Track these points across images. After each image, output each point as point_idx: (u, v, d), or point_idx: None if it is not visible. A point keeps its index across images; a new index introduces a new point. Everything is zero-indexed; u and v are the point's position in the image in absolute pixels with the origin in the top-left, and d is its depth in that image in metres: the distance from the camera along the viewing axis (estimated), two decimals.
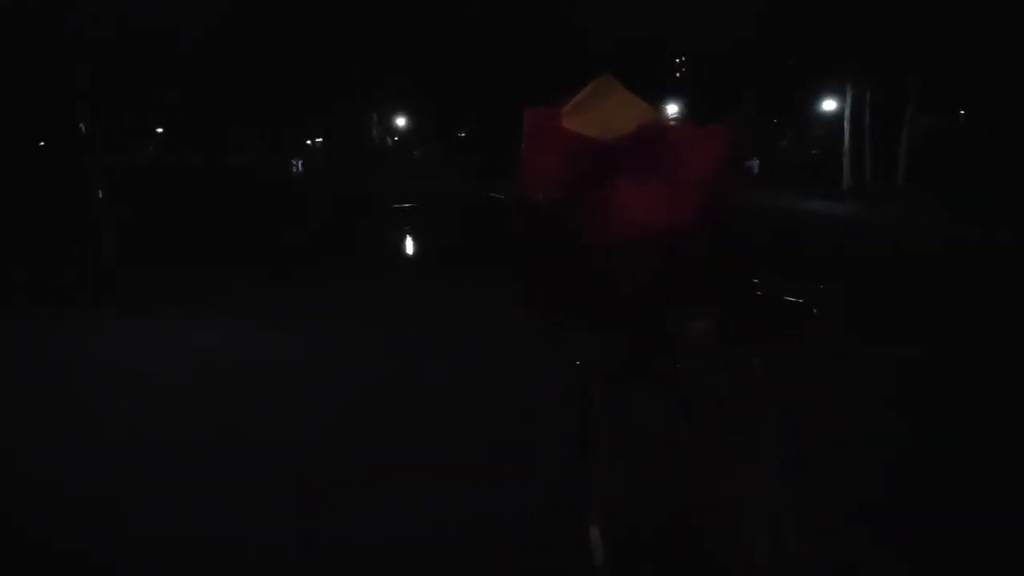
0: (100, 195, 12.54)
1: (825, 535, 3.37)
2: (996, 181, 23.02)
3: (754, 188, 28.06)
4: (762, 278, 2.36)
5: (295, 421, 5.83)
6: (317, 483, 4.68)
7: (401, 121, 51.11)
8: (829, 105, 33.79)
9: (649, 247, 2.26)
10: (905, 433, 5.14)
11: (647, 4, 35.57)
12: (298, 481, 4.70)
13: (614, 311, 2.27)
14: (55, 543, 4.04)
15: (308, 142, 54.24)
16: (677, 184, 2.43)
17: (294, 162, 50.41)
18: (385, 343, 8.05)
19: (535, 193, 2.45)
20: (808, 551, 1.97)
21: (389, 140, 54.01)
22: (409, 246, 19.79)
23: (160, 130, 47.82)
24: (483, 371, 6.81)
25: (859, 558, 3.58)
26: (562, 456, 2.48)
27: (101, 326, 9.10)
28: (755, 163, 39.49)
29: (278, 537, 4.06)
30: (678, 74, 44.61)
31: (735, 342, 2.28)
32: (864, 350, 7.13)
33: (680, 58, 44.04)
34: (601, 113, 2.60)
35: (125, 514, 4.31)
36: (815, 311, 2.36)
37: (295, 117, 41.44)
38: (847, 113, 30.04)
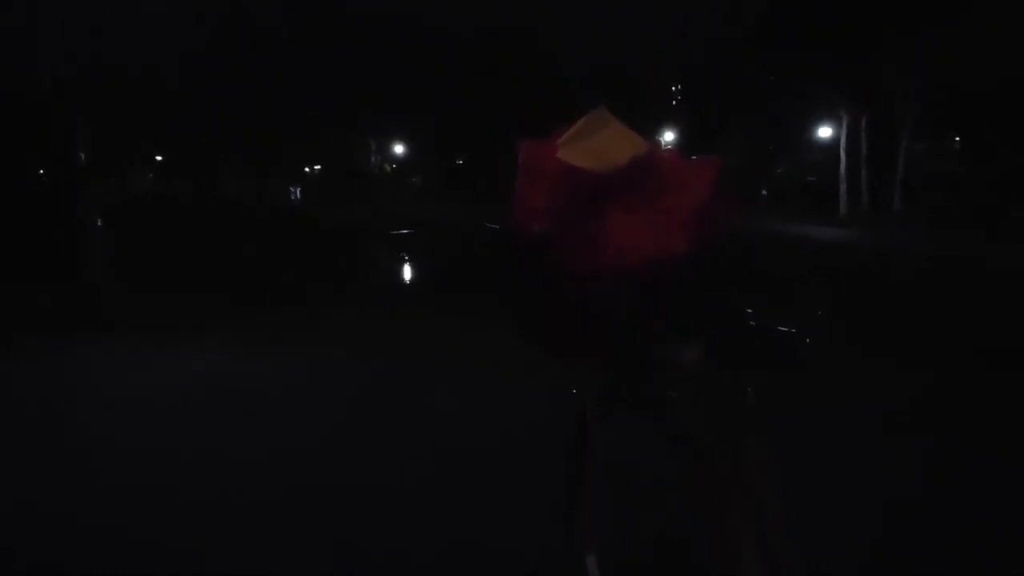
0: (98, 223, 12.54)
1: (819, 559, 3.38)
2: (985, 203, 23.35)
3: (752, 215, 28.18)
4: (754, 307, 2.39)
5: (291, 445, 5.84)
6: (311, 505, 4.70)
7: (399, 148, 51.35)
8: (825, 132, 34.04)
9: (640, 276, 2.28)
10: (901, 458, 5.14)
11: (625, 29, 36.28)
12: (292, 502, 4.72)
13: (603, 340, 2.29)
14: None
15: (306, 169, 54.48)
16: (671, 213, 2.46)
17: (292, 189, 50.63)
18: (385, 369, 8.09)
19: (529, 224, 2.48)
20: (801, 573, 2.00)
21: (387, 167, 54.26)
22: (407, 272, 19.81)
23: (159, 158, 48.15)
24: (481, 395, 6.84)
25: None
26: (557, 482, 2.50)
27: (100, 355, 9.08)
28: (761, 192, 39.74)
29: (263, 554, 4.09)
30: (674, 102, 44.97)
31: (727, 368, 2.30)
32: (857, 373, 7.14)
33: (676, 86, 44.43)
34: (595, 145, 2.63)
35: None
36: (808, 340, 2.39)
37: (289, 144, 41.64)
38: (843, 140, 30.17)
